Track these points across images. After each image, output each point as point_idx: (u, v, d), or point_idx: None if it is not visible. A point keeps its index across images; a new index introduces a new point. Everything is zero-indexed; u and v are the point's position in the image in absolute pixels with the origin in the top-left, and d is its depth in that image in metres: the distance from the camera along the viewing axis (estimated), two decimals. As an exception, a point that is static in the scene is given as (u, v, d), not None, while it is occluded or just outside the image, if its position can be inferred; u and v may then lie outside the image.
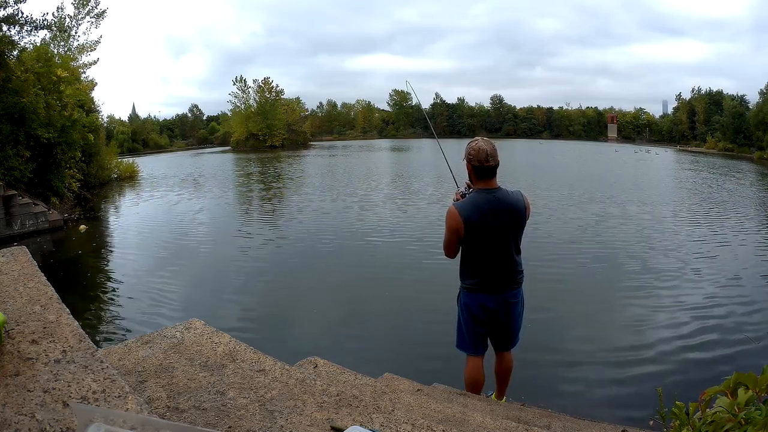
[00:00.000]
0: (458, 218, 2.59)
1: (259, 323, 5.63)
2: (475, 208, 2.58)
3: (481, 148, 2.55)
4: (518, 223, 2.65)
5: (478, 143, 2.59)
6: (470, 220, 2.57)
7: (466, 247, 2.67)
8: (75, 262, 9.06)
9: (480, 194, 2.61)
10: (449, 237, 2.67)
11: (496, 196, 2.59)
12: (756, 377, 0.99)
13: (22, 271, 1.70)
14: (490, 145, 2.58)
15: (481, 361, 2.87)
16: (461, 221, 2.58)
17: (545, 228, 10.30)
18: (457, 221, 2.59)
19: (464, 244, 2.66)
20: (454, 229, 2.62)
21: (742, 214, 12.72)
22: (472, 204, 2.60)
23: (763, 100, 43.65)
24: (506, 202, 2.61)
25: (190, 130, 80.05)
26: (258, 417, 1.43)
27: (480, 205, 2.58)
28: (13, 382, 1.08)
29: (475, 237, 2.61)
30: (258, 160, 35.81)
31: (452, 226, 2.62)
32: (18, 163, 12.36)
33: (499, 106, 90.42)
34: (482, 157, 2.54)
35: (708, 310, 5.71)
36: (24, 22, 13.33)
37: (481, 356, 2.87)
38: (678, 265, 7.63)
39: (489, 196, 2.59)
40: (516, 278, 2.74)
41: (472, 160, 2.57)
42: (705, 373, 4.21)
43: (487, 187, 2.60)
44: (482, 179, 2.61)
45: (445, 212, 2.71)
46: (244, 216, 13.44)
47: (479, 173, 2.60)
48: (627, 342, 4.97)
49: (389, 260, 8.16)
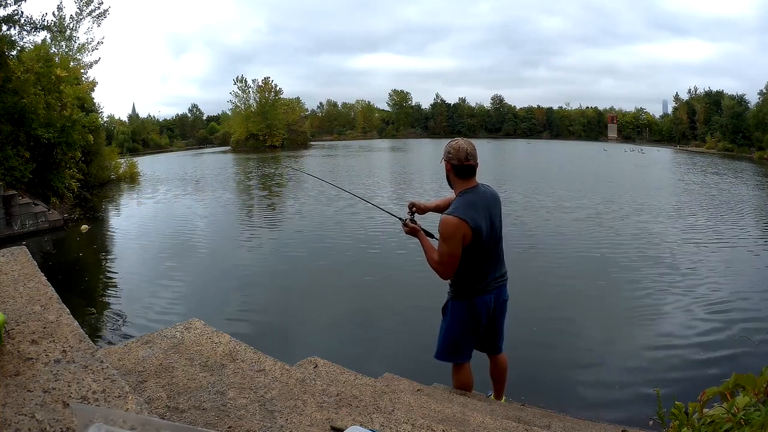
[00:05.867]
0: (464, 225, 2.41)
1: (259, 323, 5.63)
2: (474, 209, 2.47)
3: (460, 147, 2.52)
4: (501, 211, 2.66)
5: (458, 142, 2.56)
6: (476, 223, 2.44)
7: (469, 253, 2.49)
8: (75, 262, 9.06)
9: (467, 195, 2.53)
10: (452, 250, 2.43)
11: (480, 192, 2.57)
12: (755, 378, 0.99)
13: (22, 271, 1.70)
14: (470, 145, 2.55)
15: (470, 365, 2.84)
16: (469, 227, 2.42)
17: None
18: (464, 228, 2.41)
19: (466, 250, 2.47)
20: (459, 238, 2.42)
21: (741, 214, 12.73)
22: (470, 206, 2.48)
23: (763, 100, 43.63)
24: (490, 196, 2.61)
25: (190, 130, 80.00)
26: (258, 417, 1.43)
27: (476, 204, 2.51)
28: (13, 382, 1.08)
29: (481, 239, 2.48)
30: (258, 160, 35.82)
31: (457, 236, 2.41)
32: (18, 163, 12.35)
33: (500, 106, 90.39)
34: (462, 156, 2.50)
35: (708, 311, 5.71)
36: (24, 22, 13.33)
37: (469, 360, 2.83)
38: (677, 266, 7.62)
39: (476, 193, 2.55)
40: (506, 274, 2.74)
41: (451, 159, 2.52)
42: (704, 373, 4.20)
43: (469, 187, 2.56)
44: (462, 178, 2.55)
45: (440, 224, 2.45)
46: (244, 216, 13.44)
47: (459, 172, 2.54)
48: (627, 342, 4.97)
49: (389, 260, 8.15)
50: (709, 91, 60.41)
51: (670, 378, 4.17)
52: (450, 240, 2.44)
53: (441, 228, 2.48)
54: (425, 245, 2.62)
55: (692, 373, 4.26)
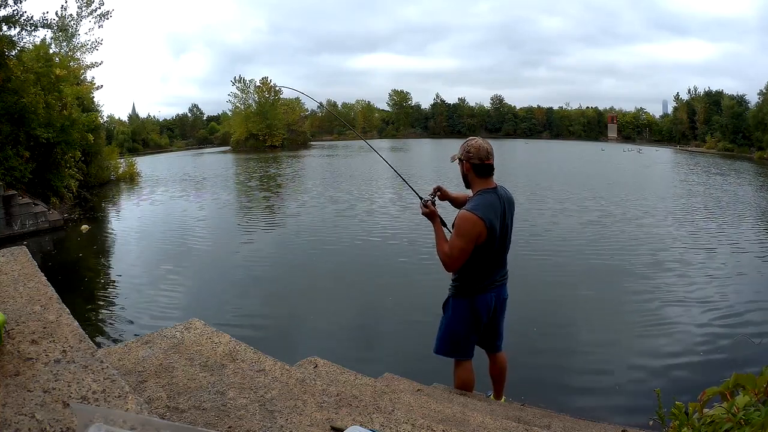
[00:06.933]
0: (481, 224, 2.44)
1: (259, 323, 5.62)
2: (492, 210, 2.50)
3: (481, 146, 2.54)
4: (513, 218, 2.68)
5: (478, 141, 2.57)
6: (492, 224, 2.47)
7: (479, 252, 2.51)
8: (75, 262, 9.06)
9: (487, 195, 2.55)
10: (465, 246, 2.46)
11: (499, 194, 2.57)
12: (755, 378, 0.99)
13: (22, 271, 1.70)
14: (488, 144, 2.58)
15: (472, 363, 2.85)
16: (485, 227, 2.44)
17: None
18: (480, 227, 2.44)
19: (478, 248, 2.50)
20: (474, 235, 2.45)
21: (741, 214, 12.73)
22: (489, 207, 2.50)
23: (763, 100, 43.61)
24: (508, 199, 2.62)
25: (190, 130, 79.96)
26: (258, 417, 1.43)
27: (494, 205, 2.52)
28: (13, 382, 1.08)
29: (494, 240, 2.51)
30: (257, 160, 35.81)
31: (472, 233, 2.44)
32: (18, 163, 12.35)
33: (499, 106, 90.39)
34: (483, 155, 2.53)
35: (707, 311, 5.71)
36: (24, 22, 13.32)
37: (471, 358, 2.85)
38: (676, 267, 7.62)
39: (495, 195, 2.56)
40: (507, 273, 2.76)
41: (472, 158, 2.54)
42: (704, 373, 4.20)
43: (488, 187, 2.58)
44: (482, 177, 2.57)
45: (458, 218, 2.50)
46: (244, 216, 13.44)
47: (479, 171, 2.56)
48: (627, 342, 4.97)
49: (389, 260, 8.16)
50: (709, 91, 60.37)
51: (670, 378, 4.17)
52: (465, 236, 2.45)
53: (458, 222, 2.50)
54: (438, 233, 2.62)
55: (692, 373, 4.26)
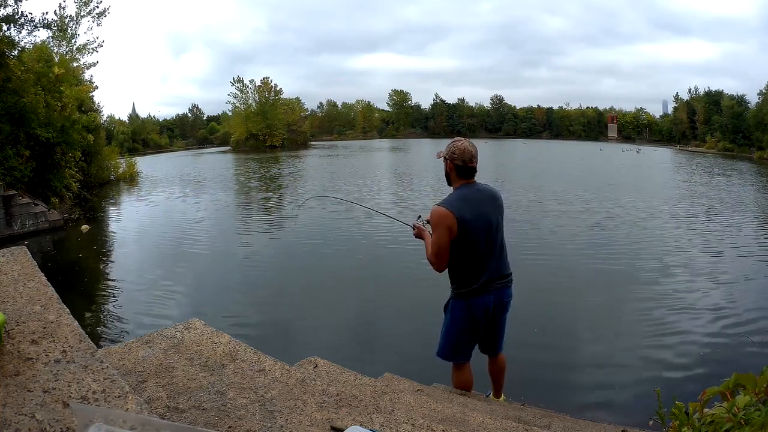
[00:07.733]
0: (450, 215, 2.49)
1: (259, 323, 5.63)
2: (465, 203, 2.55)
3: (466, 149, 2.59)
4: (501, 211, 2.69)
5: (463, 143, 2.62)
6: (462, 215, 2.50)
7: (460, 248, 2.55)
8: (75, 262, 9.05)
9: (462, 189, 2.62)
10: (440, 239, 2.52)
11: (478, 188, 2.64)
12: (755, 378, 0.99)
13: (22, 271, 1.71)
14: (474, 148, 2.63)
15: (470, 365, 2.87)
16: (454, 218, 2.49)
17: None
18: (449, 219, 2.49)
19: (457, 244, 2.53)
20: (444, 227, 2.50)
21: (741, 215, 12.72)
22: (461, 199, 2.56)
23: (763, 100, 43.59)
24: (488, 192, 2.67)
25: (190, 130, 79.99)
26: (258, 417, 1.43)
27: (468, 199, 2.57)
28: (13, 382, 1.08)
29: (468, 233, 2.52)
30: (258, 160, 35.82)
31: (442, 225, 2.50)
32: (18, 163, 12.35)
33: (499, 106, 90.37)
34: (467, 158, 2.58)
35: (707, 311, 5.72)
36: (24, 22, 13.33)
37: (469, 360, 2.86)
38: (676, 267, 7.63)
39: (470, 189, 2.62)
40: (510, 275, 2.75)
41: (456, 159, 2.59)
42: (704, 373, 4.20)
43: (468, 183, 2.65)
44: (463, 178, 2.64)
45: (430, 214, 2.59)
46: (245, 216, 13.44)
47: (461, 172, 2.62)
48: (627, 342, 4.97)
49: (389, 260, 8.16)
50: (709, 91, 60.32)
51: (670, 378, 4.17)
52: (436, 228, 2.56)
53: (430, 217, 2.62)
54: (426, 240, 2.72)
55: (692, 373, 4.26)
